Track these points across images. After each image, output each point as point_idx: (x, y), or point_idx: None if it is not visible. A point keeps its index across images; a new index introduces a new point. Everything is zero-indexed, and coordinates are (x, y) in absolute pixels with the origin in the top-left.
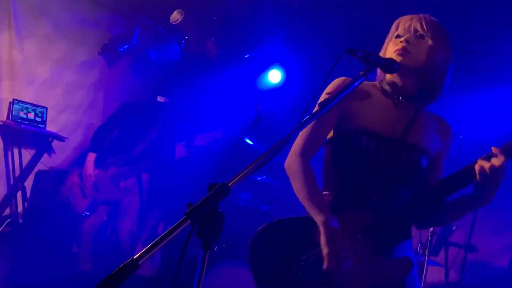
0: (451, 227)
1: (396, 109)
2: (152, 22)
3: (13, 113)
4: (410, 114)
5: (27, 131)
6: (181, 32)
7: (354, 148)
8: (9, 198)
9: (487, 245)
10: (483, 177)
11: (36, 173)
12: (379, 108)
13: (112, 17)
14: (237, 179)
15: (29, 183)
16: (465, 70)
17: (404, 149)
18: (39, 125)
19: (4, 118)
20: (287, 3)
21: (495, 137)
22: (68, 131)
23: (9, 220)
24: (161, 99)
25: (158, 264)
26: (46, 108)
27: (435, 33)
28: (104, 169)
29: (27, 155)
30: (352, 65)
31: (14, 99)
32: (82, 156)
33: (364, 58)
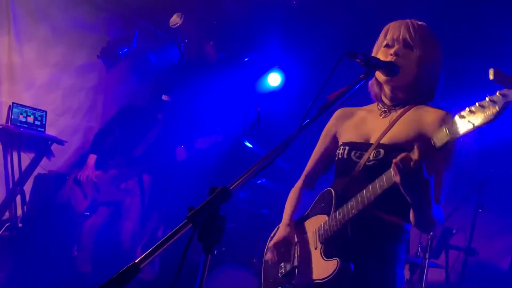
0: (451, 230)
1: (383, 117)
2: (152, 25)
3: (13, 117)
4: (394, 117)
5: (26, 134)
6: (181, 35)
7: (336, 159)
8: (8, 202)
9: (487, 248)
10: (396, 173)
11: (35, 176)
12: (365, 122)
13: (111, 21)
14: (238, 182)
15: (28, 186)
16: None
17: (372, 150)
18: (38, 128)
19: (3, 122)
20: (286, 6)
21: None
22: (67, 135)
23: (8, 224)
24: (165, 97)
25: (157, 267)
26: (46, 112)
27: (425, 41)
28: (105, 170)
29: (26, 158)
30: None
31: (13, 103)
32: (81, 160)
33: (364, 61)
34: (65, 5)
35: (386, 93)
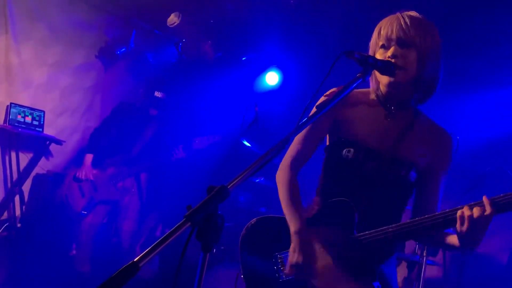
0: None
1: (388, 119)
2: (149, 25)
3: (10, 117)
4: (402, 124)
5: (24, 134)
6: (178, 35)
7: (343, 160)
8: (7, 202)
9: (485, 244)
10: (462, 226)
11: (34, 176)
12: (370, 118)
13: (109, 20)
14: (236, 181)
15: (26, 186)
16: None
17: (391, 164)
18: (37, 128)
19: (1, 122)
20: (283, 5)
21: (492, 138)
22: (65, 135)
23: (7, 224)
24: (158, 94)
25: (156, 266)
26: (44, 112)
27: (421, 36)
28: (102, 169)
29: (25, 158)
30: (350, 67)
31: (11, 103)
32: (80, 159)
33: (361, 60)
34: (62, 4)
35: (385, 91)
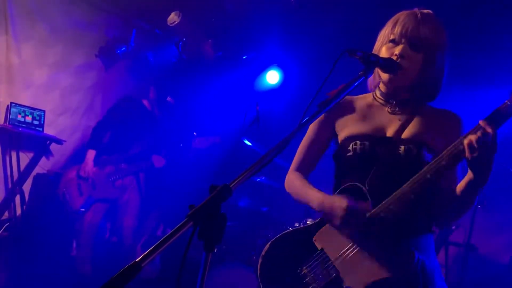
0: (450, 227)
1: (391, 113)
2: (149, 24)
3: (11, 117)
4: (405, 116)
5: (25, 134)
6: (179, 34)
7: (350, 154)
8: (8, 202)
9: (487, 244)
10: (473, 151)
11: (34, 176)
12: (371, 114)
13: (109, 20)
14: (238, 180)
15: (27, 186)
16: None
17: (400, 144)
18: (37, 128)
19: (1, 122)
20: (284, 4)
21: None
22: (66, 134)
23: (8, 224)
24: (170, 100)
25: (157, 265)
26: (44, 111)
27: (433, 42)
28: (101, 167)
29: (25, 158)
30: (352, 65)
31: (11, 103)
32: (80, 159)
33: (363, 58)
34: (62, 4)
35: (385, 87)
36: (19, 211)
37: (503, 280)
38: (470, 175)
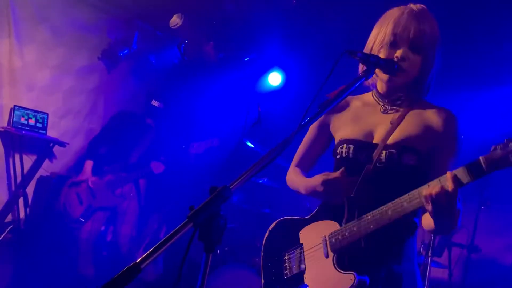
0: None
1: (384, 113)
2: (152, 26)
3: (14, 119)
4: (396, 116)
5: (28, 137)
6: (181, 36)
7: (338, 157)
8: (11, 205)
9: (490, 245)
10: (430, 204)
11: (38, 179)
12: (365, 116)
13: (111, 22)
14: (238, 182)
15: (30, 189)
16: (466, 69)
17: (384, 149)
18: (40, 131)
19: (5, 124)
20: (286, 5)
21: (496, 136)
22: (69, 137)
23: (11, 226)
24: (155, 103)
25: (160, 268)
26: (47, 114)
27: (433, 43)
28: (101, 176)
29: (28, 161)
30: (352, 66)
31: (14, 105)
32: (83, 162)
33: (363, 59)
34: (65, 7)
35: (383, 87)
36: (22, 213)
37: (506, 281)
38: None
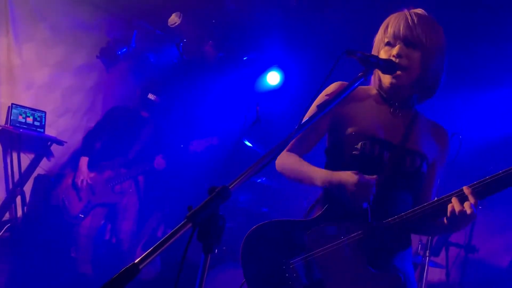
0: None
1: (393, 115)
2: (150, 25)
3: (12, 118)
4: (407, 120)
5: (26, 135)
6: (179, 35)
7: (357, 153)
8: (9, 203)
9: (487, 245)
10: (453, 217)
11: (35, 177)
12: (376, 113)
13: (110, 21)
14: (237, 181)
15: (28, 187)
16: (466, 70)
17: (406, 154)
18: (38, 129)
19: (2, 123)
20: (285, 5)
21: (494, 137)
22: (67, 135)
23: (9, 225)
24: (151, 96)
25: (158, 267)
26: (45, 113)
27: (427, 36)
28: (100, 172)
29: (26, 159)
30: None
31: (12, 104)
32: (77, 161)
33: (363, 59)
34: (64, 5)
35: (388, 87)
36: (20, 212)
37: (504, 281)
38: (446, 225)
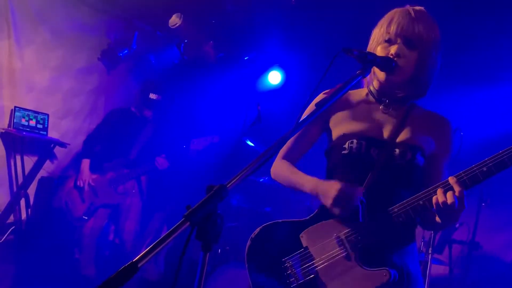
0: (454, 225)
1: (384, 112)
2: (151, 26)
3: (15, 121)
4: (400, 115)
5: (29, 138)
6: (180, 36)
7: (346, 152)
8: (13, 205)
9: (491, 242)
10: (438, 209)
11: (39, 179)
12: (366, 112)
13: (110, 23)
14: (235, 180)
15: (32, 190)
16: (467, 67)
17: (395, 148)
18: (41, 132)
19: (5, 126)
20: (285, 4)
21: (495, 134)
22: (69, 137)
23: (13, 227)
24: (153, 96)
25: (162, 267)
26: (48, 115)
27: (428, 39)
28: (102, 173)
29: (30, 162)
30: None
31: (15, 107)
32: (79, 164)
33: (360, 57)
34: (64, 8)
35: (381, 85)
36: (24, 214)
37: (507, 278)
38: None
